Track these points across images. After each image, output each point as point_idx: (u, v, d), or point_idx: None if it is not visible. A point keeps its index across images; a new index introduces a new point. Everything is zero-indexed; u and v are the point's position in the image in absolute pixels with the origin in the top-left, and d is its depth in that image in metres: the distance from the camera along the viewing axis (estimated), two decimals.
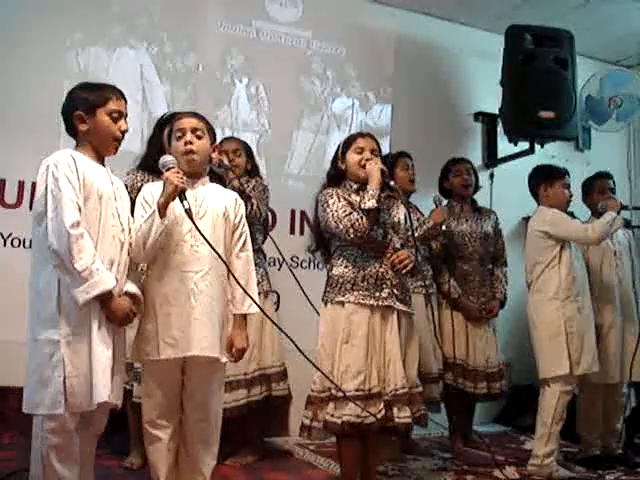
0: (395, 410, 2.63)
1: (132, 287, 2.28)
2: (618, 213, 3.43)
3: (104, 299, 2.11)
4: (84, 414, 2.11)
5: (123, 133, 2.28)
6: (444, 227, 3.64)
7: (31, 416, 2.09)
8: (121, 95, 2.29)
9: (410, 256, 2.72)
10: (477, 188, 4.03)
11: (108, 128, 2.24)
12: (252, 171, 3.50)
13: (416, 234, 3.37)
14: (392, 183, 2.74)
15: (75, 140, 2.28)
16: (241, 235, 2.51)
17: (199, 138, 2.48)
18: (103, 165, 2.29)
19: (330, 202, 2.72)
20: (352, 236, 2.64)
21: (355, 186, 2.79)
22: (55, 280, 2.08)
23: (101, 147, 2.27)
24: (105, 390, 2.07)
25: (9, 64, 3.72)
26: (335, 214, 2.68)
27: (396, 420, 2.62)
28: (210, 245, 2.31)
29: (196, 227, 2.31)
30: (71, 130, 2.27)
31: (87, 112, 2.21)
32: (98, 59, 4.00)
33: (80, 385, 2.05)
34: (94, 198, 2.17)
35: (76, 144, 2.27)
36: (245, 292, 2.40)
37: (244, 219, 2.56)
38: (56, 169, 2.10)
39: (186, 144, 2.45)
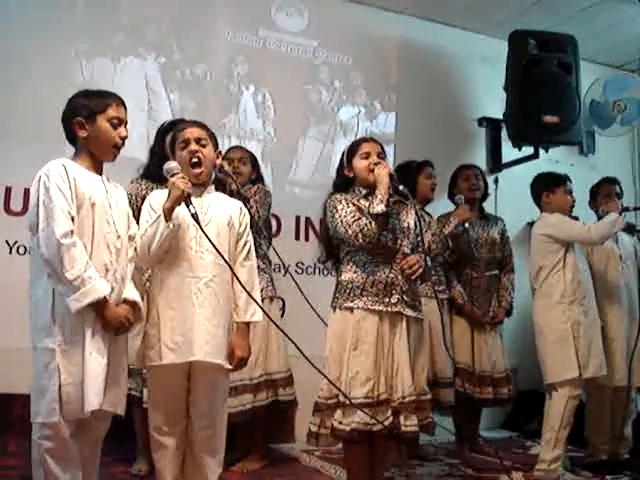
0: (402, 418, 2.59)
1: (132, 294, 2.26)
2: (620, 215, 3.43)
3: (98, 307, 2.10)
4: (80, 421, 2.10)
5: (123, 140, 2.27)
6: (467, 224, 3.74)
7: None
8: (121, 102, 2.29)
9: (419, 261, 2.67)
10: (486, 195, 4.05)
11: (107, 134, 2.23)
12: (257, 180, 3.51)
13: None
14: (401, 187, 2.68)
15: (74, 147, 2.27)
16: (245, 244, 2.51)
17: (203, 147, 2.47)
18: (100, 173, 2.28)
19: (339, 207, 2.68)
20: (361, 241, 2.60)
21: (364, 191, 2.75)
22: (50, 289, 2.09)
23: (99, 153, 2.26)
24: (97, 398, 2.06)
25: (15, 73, 3.73)
26: (344, 219, 2.64)
27: (402, 428, 2.59)
28: (216, 249, 2.31)
29: (202, 230, 2.31)
30: (70, 137, 2.27)
31: (87, 118, 2.21)
32: (103, 69, 4.01)
33: (75, 393, 2.05)
34: (86, 206, 2.16)
35: (74, 152, 2.27)
36: (250, 296, 2.39)
37: (249, 228, 2.55)
38: (47, 179, 2.10)
39: (191, 153, 2.45)
